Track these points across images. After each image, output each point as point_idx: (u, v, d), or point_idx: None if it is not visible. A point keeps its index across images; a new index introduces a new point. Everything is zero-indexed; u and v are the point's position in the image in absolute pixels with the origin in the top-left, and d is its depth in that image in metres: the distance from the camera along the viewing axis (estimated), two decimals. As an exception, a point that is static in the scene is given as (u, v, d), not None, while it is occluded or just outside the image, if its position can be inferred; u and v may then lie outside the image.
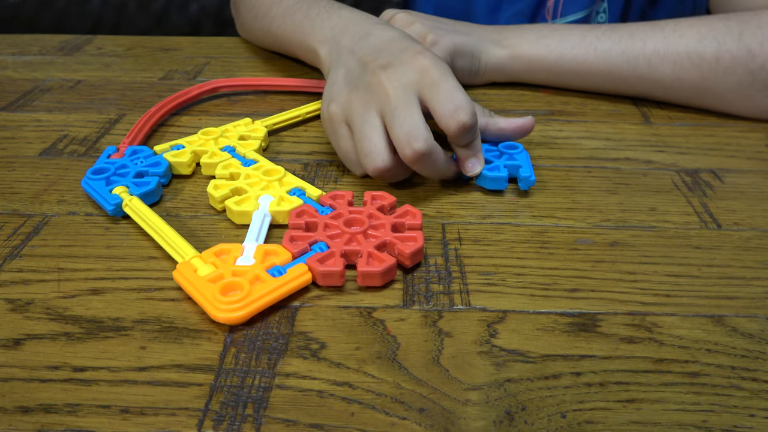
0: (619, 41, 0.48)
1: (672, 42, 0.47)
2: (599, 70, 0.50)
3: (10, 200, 0.38)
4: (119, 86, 0.55)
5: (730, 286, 0.31)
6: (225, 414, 0.24)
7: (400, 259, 0.32)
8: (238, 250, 0.32)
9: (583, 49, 0.49)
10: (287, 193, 0.37)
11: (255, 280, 0.30)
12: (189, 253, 0.31)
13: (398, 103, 0.35)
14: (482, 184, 0.39)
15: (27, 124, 0.48)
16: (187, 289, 0.30)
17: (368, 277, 0.30)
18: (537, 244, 0.34)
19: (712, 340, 0.28)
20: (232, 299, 0.28)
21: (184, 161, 0.40)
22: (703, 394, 0.25)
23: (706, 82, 0.47)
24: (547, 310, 0.30)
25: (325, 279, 0.30)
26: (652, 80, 0.48)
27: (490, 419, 0.24)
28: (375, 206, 0.35)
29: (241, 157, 0.40)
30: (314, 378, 0.26)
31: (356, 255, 0.31)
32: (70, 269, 0.32)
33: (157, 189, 0.38)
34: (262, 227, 0.34)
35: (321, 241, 0.32)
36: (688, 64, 0.46)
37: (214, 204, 0.37)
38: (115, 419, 0.24)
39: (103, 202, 0.36)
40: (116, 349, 0.27)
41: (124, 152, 0.41)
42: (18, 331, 0.28)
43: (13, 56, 0.62)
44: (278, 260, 0.31)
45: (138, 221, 0.35)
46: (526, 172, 0.38)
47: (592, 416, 0.24)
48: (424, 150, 0.35)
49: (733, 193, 0.39)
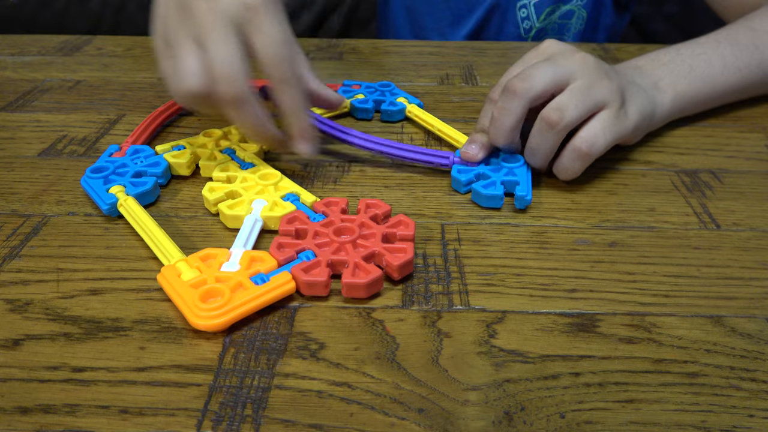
0: (752, 53, 0.47)
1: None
2: (743, 87, 0.48)
3: (9, 201, 0.38)
4: (119, 86, 0.55)
5: (729, 286, 0.31)
6: (224, 414, 0.24)
7: (387, 270, 0.31)
8: (225, 255, 0.31)
9: (731, 73, 0.47)
10: (281, 199, 0.36)
11: (237, 287, 0.29)
12: (175, 257, 0.31)
13: (213, 33, 0.33)
14: (477, 201, 0.38)
15: (26, 125, 0.48)
16: (169, 293, 0.29)
17: (353, 288, 0.30)
18: (536, 245, 0.34)
19: (711, 340, 0.28)
20: (212, 306, 0.28)
21: (183, 162, 0.40)
22: (702, 395, 0.25)
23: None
24: (547, 311, 0.30)
25: (308, 289, 0.30)
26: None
27: (489, 419, 0.24)
28: (368, 215, 0.34)
29: (240, 160, 0.40)
30: (313, 378, 0.26)
31: (343, 265, 0.31)
32: (69, 269, 0.32)
33: (154, 189, 0.37)
34: (251, 233, 0.33)
35: (308, 249, 0.31)
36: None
37: (209, 207, 0.37)
38: (114, 419, 0.24)
39: (99, 200, 0.36)
40: (115, 350, 0.27)
41: (126, 151, 0.41)
42: (17, 331, 0.28)
43: (12, 56, 0.62)
44: (263, 267, 0.30)
45: (130, 221, 0.35)
46: (522, 191, 0.37)
47: (591, 416, 0.24)
48: (233, 93, 0.33)
49: (733, 193, 0.39)
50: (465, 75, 0.58)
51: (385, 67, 0.60)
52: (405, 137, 0.46)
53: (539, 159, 0.39)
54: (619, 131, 0.38)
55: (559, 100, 0.36)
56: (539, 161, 0.39)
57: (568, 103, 0.36)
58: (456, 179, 0.39)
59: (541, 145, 0.37)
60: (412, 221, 0.33)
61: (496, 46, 0.66)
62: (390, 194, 0.39)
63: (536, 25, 0.70)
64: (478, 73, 0.58)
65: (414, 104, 0.49)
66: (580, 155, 0.37)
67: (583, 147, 0.37)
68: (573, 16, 0.71)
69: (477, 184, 0.38)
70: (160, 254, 0.32)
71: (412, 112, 0.48)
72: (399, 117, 0.49)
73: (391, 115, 0.48)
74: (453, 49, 0.64)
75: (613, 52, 0.63)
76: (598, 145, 0.37)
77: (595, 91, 0.37)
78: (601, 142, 0.37)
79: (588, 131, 0.37)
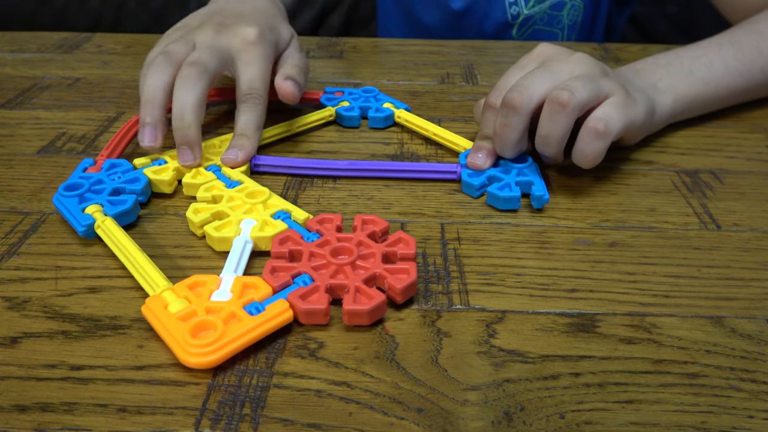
0: (755, 58, 0.47)
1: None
2: (745, 90, 0.48)
3: (8, 198, 0.38)
4: (118, 84, 0.55)
5: (729, 287, 0.31)
6: (222, 413, 0.24)
7: (390, 294, 0.29)
8: (215, 282, 0.29)
9: (733, 77, 0.46)
10: (271, 217, 0.34)
11: (230, 318, 0.27)
12: (161, 285, 0.29)
13: (188, 68, 0.38)
14: (494, 204, 0.37)
15: (25, 122, 0.48)
16: (156, 327, 0.27)
17: (355, 316, 0.28)
18: (536, 244, 0.34)
19: (711, 341, 0.28)
20: (204, 342, 0.26)
21: (165, 179, 0.37)
22: (702, 395, 0.25)
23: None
24: (546, 311, 0.30)
25: (307, 318, 0.28)
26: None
27: (489, 419, 0.24)
28: (366, 232, 0.32)
29: (226, 178, 0.38)
30: (312, 377, 0.26)
31: (343, 289, 0.29)
32: (68, 267, 0.32)
33: (134, 208, 0.35)
34: (242, 256, 0.31)
35: (305, 273, 0.30)
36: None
37: (194, 229, 0.34)
38: (112, 418, 0.24)
39: (74, 222, 0.33)
40: (114, 348, 0.27)
41: (102, 165, 0.38)
42: (15, 329, 0.28)
43: (12, 53, 0.61)
44: (257, 295, 0.28)
45: (110, 245, 0.32)
46: (540, 191, 0.36)
47: (590, 417, 0.24)
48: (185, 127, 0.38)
49: (733, 193, 0.39)
50: (465, 74, 0.58)
51: (385, 65, 0.60)
52: (401, 146, 0.46)
53: (553, 147, 0.37)
54: (631, 115, 0.38)
55: (567, 83, 0.36)
56: (553, 149, 0.37)
57: (576, 84, 0.35)
58: (468, 183, 0.38)
59: (554, 129, 0.36)
60: (412, 238, 0.31)
61: (496, 45, 0.65)
62: (390, 193, 0.39)
63: (524, 11, 0.69)
64: (478, 72, 0.58)
65: (402, 109, 0.47)
66: (597, 134, 0.35)
67: (599, 126, 0.35)
68: (564, 7, 0.70)
69: (492, 187, 0.37)
70: (144, 283, 0.30)
71: (402, 117, 0.47)
72: (388, 123, 0.47)
73: (379, 122, 0.47)
74: (453, 48, 0.64)
75: (613, 52, 0.63)
76: (614, 123, 0.36)
77: (599, 81, 0.37)
78: (616, 120, 0.36)
79: (602, 110, 0.36)
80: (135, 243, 0.32)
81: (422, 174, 0.40)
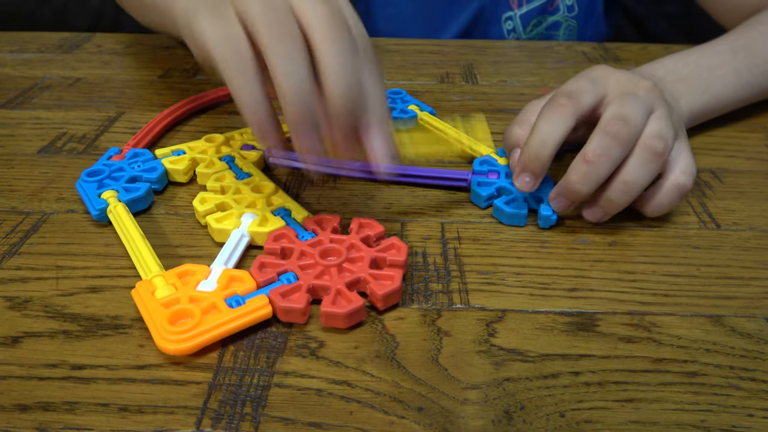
0: (766, 69, 0.47)
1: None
2: (751, 98, 0.48)
3: (9, 198, 0.38)
4: (118, 84, 0.55)
5: (728, 286, 0.31)
6: (223, 412, 0.24)
7: (372, 299, 0.29)
8: (204, 273, 0.30)
9: (744, 91, 0.46)
10: (272, 213, 0.34)
11: (210, 309, 0.28)
12: (153, 271, 0.30)
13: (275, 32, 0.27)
14: (499, 217, 0.36)
15: (26, 122, 0.48)
16: (141, 310, 0.28)
17: (331, 318, 0.28)
18: (536, 244, 0.34)
19: (710, 339, 0.28)
20: (180, 329, 0.26)
21: (180, 168, 0.39)
22: (702, 394, 0.25)
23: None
24: (546, 310, 0.30)
25: (285, 315, 0.28)
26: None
27: (489, 418, 0.24)
28: (360, 236, 0.32)
29: (239, 169, 0.38)
30: (313, 377, 0.26)
31: (324, 290, 0.29)
32: (69, 267, 0.32)
33: (147, 196, 0.36)
34: (236, 249, 0.32)
35: (291, 271, 0.30)
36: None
37: (199, 218, 0.35)
38: (113, 417, 0.24)
39: (90, 205, 0.35)
40: (115, 347, 0.27)
41: (126, 154, 0.40)
42: (16, 328, 0.28)
43: (12, 53, 0.62)
44: (241, 288, 0.29)
45: (117, 229, 0.34)
46: (548, 210, 0.35)
47: (590, 415, 0.24)
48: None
49: (733, 193, 0.39)
50: (465, 74, 0.58)
51: (385, 65, 0.60)
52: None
53: (632, 196, 0.33)
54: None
55: (653, 128, 0.33)
56: (629, 199, 0.33)
57: (666, 131, 0.33)
58: (476, 193, 0.37)
59: (642, 178, 0.33)
60: (404, 245, 0.31)
61: (496, 44, 0.65)
62: (390, 192, 0.39)
63: (523, 37, 0.69)
64: (478, 72, 0.58)
65: (426, 111, 0.47)
66: (681, 189, 0.34)
67: (688, 182, 0.34)
68: (560, 27, 0.70)
69: (500, 200, 0.36)
70: (139, 267, 0.31)
71: (424, 120, 0.46)
72: (411, 125, 0.47)
73: (403, 123, 0.47)
74: (453, 47, 0.64)
75: (613, 51, 0.63)
76: (694, 175, 0.35)
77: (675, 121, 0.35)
78: (694, 171, 0.35)
79: (685, 163, 0.35)
80: (139, 229, 0.33)
81: (432, 180, 0.39)
